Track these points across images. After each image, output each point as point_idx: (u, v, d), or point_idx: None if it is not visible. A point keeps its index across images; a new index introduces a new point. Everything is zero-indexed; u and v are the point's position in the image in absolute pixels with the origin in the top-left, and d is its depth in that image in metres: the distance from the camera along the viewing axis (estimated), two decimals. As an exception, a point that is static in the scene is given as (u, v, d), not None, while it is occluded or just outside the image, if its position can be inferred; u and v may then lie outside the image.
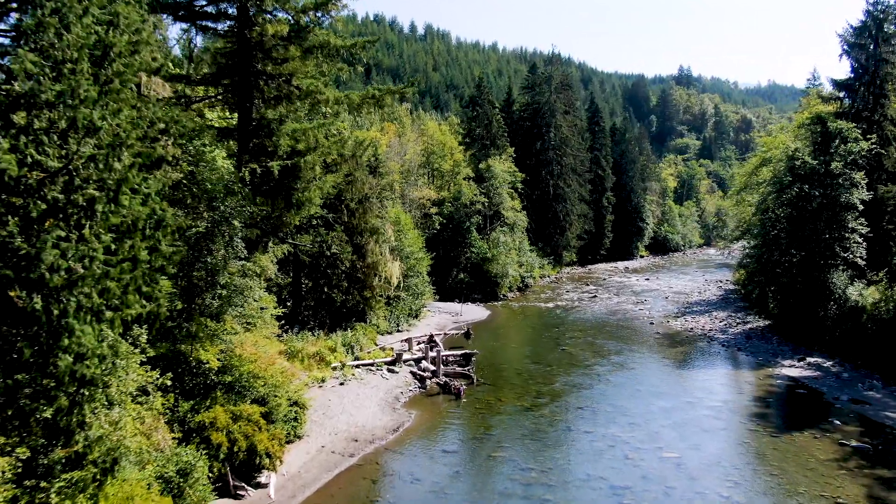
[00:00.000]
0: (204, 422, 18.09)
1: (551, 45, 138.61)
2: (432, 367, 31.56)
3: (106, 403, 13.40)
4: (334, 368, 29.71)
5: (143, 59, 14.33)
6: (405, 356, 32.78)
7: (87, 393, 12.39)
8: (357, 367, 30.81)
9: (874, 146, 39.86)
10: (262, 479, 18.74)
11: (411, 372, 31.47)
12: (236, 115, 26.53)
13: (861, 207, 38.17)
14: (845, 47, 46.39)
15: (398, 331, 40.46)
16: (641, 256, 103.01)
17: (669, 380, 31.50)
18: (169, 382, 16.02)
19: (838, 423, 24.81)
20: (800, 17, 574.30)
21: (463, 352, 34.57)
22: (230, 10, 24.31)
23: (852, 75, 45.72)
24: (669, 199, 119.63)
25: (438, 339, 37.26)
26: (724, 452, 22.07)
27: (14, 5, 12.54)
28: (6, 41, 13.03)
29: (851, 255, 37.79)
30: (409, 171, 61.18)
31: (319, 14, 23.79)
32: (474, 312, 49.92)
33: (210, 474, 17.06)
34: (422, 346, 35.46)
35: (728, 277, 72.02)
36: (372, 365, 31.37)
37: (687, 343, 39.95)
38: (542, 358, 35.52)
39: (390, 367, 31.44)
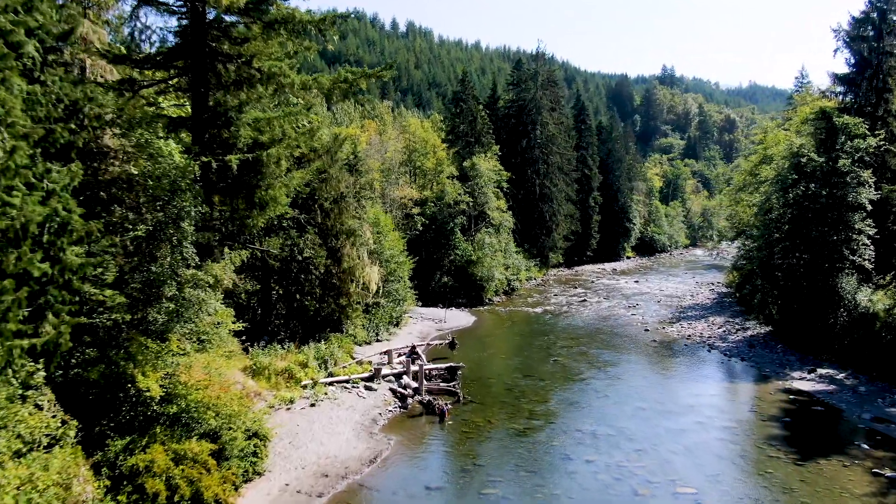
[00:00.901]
0: (138, 466, 14.99)
1: (537, 39, 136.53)
2: (414, 384, 28.63)
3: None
4: (304, 387, 26.66)
5: (44, 18, 11.25)
6: (384, 371, 29.82)
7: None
8: (331, 384, 27.78)
9: (883, 143, 37.68)
10: (211, 531, 15.72)
11: (391, 389, 28.54)
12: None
13: (870, 207, 36.03)
14: (846, 39, 44.24)
15: (377, 340, 37.48)
16: (628, 257, 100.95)
17: (673, 395, 28.89)
18: (72, 433, 12.89)
19: (866, 447, 22.34)
20: (783, 16, 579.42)
21: (448, 365, 31.71)
22: (180, -19, 21.24)
23: (854, 69, 43.60)
24: (655, 199, 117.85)
25: (421, 351, 34.35)
26: (747, 486, 19.41)
27: None
28: None
29: (859, 258, 35.60)
30: (390, 170, 58.20)
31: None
32: (459, 319, 47.10)
33: (142, 534, 14.03)
34: (402, 358, 32.50)
35: (719, 279, 69.95)
36: (347, 382, 28.36)
37: (686, 353, 37.45)
38: (533, 370, 32.77)
39: (368, 384, 28.47)
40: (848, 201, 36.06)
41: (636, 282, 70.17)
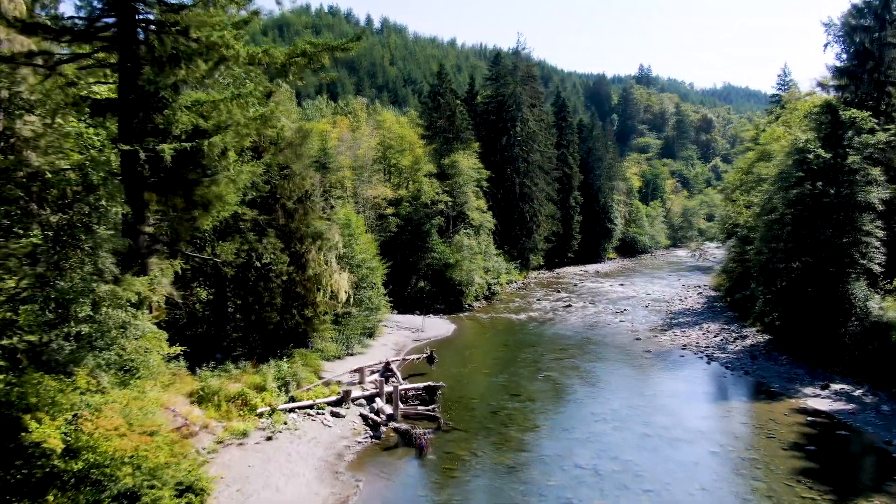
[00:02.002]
0: (17, 551, 11.32)
1: (517, 32, 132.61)
2: (388, 409, 25.12)
3: None
4: (261, 415, 22.97)
5: None
6: (354, 393, 26.23)
7: None
8: (292, 410, 24.13)
9: (893, 137, 35.23)
10: None
11: (361, 415, 24.99)
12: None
13: (881, 207, 33.57)
14: (847, 29, 42.00)
15: (350, 354, 33.83)
16: (610, 259, 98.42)
17: (679, 418, 25.78)
18: None
19: (908, 482, 19.49)
20: (757, 13, 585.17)
21: (426, 384, 28.25)
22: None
23: (854, 61, 41.27)
24: (635, 198, 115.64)
25: (396, 367, 30.86)
26: (784, 539, 16.36)
27: None
28: None
29: (868, 262, 33.09)
30: (363, 167, 54.51)
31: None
32: (438, 327, 43.65)
33: None
34: (375, 377, 29.04)
35: (706, 282, 67.65)
36: (311, 407, 24.71)
37: (685, 365, 34.52)
38: (521, 389, 29.50)
39: (335, 410, 24.85)
40: (856, 201, 33.58)
41: (621, 285, 67.46)
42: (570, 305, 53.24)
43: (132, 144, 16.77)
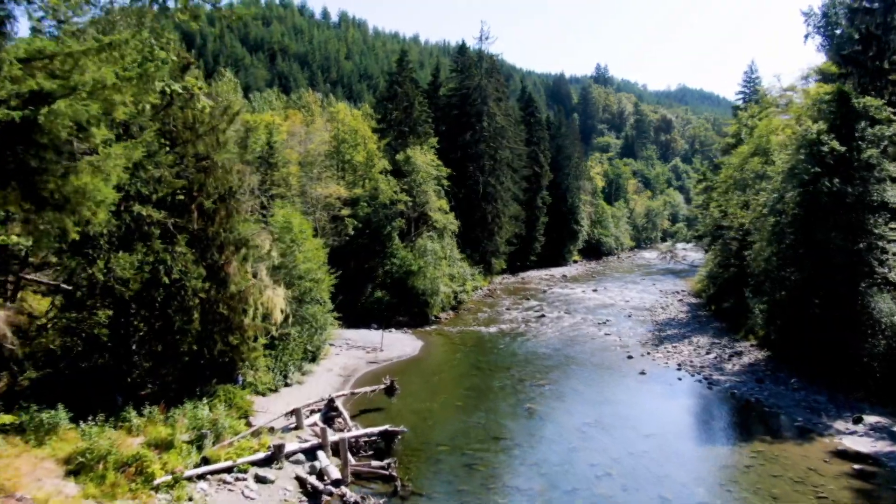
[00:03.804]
0: None
1: (481, 21, 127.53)
2: (335, 471, 19.29)
3: None
4: (157, 489, 16.99)
5: None
6: (289, 447, 20.40)
7: None
8: (203, 477, 18.19)
9: (911, 130, 31.33)
10: None
11: (297, 477, 19.22)
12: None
13: (899, 207, 29.62)
14: (847, 13, 38.48)
15: (286, 384, 27.90)
16: (575, 262, 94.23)
17: (698, 471, 20.83)
18: None
19: None
20: (715, 14, 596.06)
21: (382, 428, 22.55)
22: None
23: (858, 47, 37.58)
24: (600, 198, 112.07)
25: (342, 404, 25.08)
26: None
27: None
28: None
29: (889, 271, 29.04)
30: (313, 163, 48.38)
31: None
32: (402, 345, 37.90)
33: None
34: (316, 419, 23.34)
35: (682, 287, 63.87)
36: (230, 470, 18.78)
37: (684, 391, 29.84)
38: (501, 429, 24.16)
39: (261, 474, 18.93)
40: (870, 200, 29.58)
41: (594, 290, 62.91)
42: (543, 315, 48.26)
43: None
